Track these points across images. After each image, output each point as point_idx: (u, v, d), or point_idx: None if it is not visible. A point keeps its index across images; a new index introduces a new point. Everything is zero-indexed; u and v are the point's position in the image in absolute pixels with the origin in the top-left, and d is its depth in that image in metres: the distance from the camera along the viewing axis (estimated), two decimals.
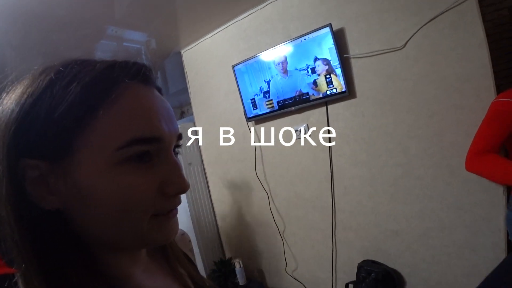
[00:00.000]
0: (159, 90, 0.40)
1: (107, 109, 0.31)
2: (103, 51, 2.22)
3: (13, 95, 0.32)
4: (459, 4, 1.35)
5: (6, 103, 0.32)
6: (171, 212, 0.37)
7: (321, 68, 1.68)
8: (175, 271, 0.47)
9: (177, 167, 0.36)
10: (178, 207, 0.39)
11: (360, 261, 1.73)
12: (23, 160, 0.30)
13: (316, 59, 1.68)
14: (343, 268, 1.87)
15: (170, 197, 0.35)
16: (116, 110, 0.32)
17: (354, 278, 1.71)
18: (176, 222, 0.39)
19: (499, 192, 1.34)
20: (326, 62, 1.65)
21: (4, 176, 0.30)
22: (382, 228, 1.68)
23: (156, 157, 0.35)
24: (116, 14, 1.72)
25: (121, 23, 1.86)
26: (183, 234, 0.62)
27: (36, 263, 0.30)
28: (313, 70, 1.70)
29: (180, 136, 0.39)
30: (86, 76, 0.31)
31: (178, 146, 0.40)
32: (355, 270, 1.71)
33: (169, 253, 0.49)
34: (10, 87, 0.33)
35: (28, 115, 0.30)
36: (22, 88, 0.32)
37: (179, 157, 0.42)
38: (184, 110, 4.05)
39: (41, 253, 0.30)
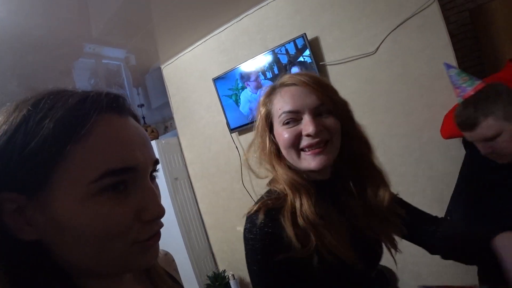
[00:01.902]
0: (135, 117, 0.41)
1: (80, 142, 0.32)
2: (82, 69, 2.20)
3: None
4: (424, 9, 1.44)
5: None
6: (153, 237, 0.37)
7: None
8: None
9: (152, 193, 0.37)
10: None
11: None
12: (1, 193, 0.31)
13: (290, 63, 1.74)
14: None
15: (148, 223, 0.36)
16: (89, 143, 0.32)
17: None
18: (156, 247, 0.39)
19: None
20: (302, 68, 1.71)
21: None
22: None
23: (132, 185, 0.35)
24: (93, 32, 1.72)
25: (99, 41, 1.86)
26: (166, 254, 0.61)
27: None
28: None
29: (156, 162, 0.40)
30: (58, 111, 0.32)
31: (155, 170, 0.41)
32: None
33: (153, 275, 0.49)
34: None
35: (4, 152, 0.30)
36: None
37: (158, 180, 0.43)
38: (167, 124, 4.03)
39: (21, 284, 0.31)
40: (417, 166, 1.53)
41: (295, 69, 1.73)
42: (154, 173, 0.40)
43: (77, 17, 1.54)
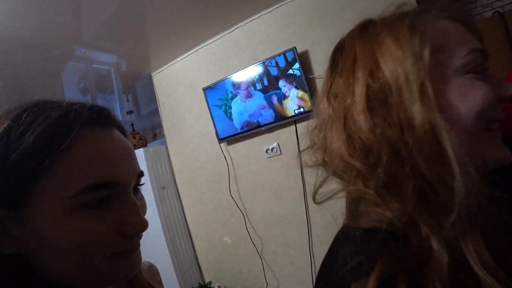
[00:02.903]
0: (121, 129, 0.41)
1: (61, 156, 0.31)
2: (71, 73, 2.18)
3: None
4: None
5: None
6: (132, 250, 0.37)
7: (287, 87, 1.77)
8: None
9: (135, 208, 0.36)
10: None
11: None
12: None
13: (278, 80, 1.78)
14: None
15: (129, 237, 0.36)
16: (71, 157, 0.32)
17: None
18: (137, 256, 0.39)
19: None
20: (291, 80, 1.74)
21: None
22: None
23: (115, 200, 0.35)
24: (85, 36, 1.72)
25: (90, 45, 1.85)
26: (151, 266, 0.60)
27: None
28: (280, 93, 1.80)
29: (140, 174, 0.40)
30: (40, 125, 0.32)
31: (139, 183, 0.41)
32: None
33: (136, 285, 0.49)
34: None
35: None
36: None
37: (145, 188, 0.42)
38: (156, 132, 4.00)
39: None
40: None
41: (282, 82, 1.76)
42: (138, 186, 0.40)
43: (69, 20, 1.54)
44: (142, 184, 0.41)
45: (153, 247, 2.17)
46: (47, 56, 1.81)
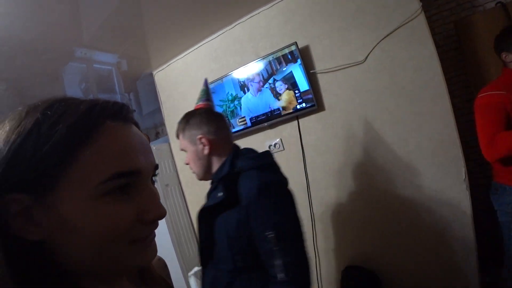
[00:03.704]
0: (137, 125, 0.43)
1: (90, 147, 0.34)
2: (72, 74, 2.18)
3: (0, 134, 0.33)
4: (410, 20, 1.48)
5: None
6: (149, 237, 0.39)
7: (282, 87, 1.78)
8: None
9: (153, 195, 0.39)
10: (157, 231, 0.42)
11: (343, 267, 1.76)
12: (8, 195, 0.32)
13: (274, 81, 1.80)
14: (328, 277, 1.89)
15: (147, 223, 0.38)
16: (98, 148, 0.34)
17: (339, 285, 1.74)
18: (154, 245, 0.41)
19: (463, 188, 1.44)
20: (286, 81, 1.76)
21: None
22: (360, 234, 1.73)
23: (135, 188, 0.37)
24: (85, 37, 1.72)
25: (91, 45, 1.85)
26: (159, 259, 0.63)
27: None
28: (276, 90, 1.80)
29: (156, 167, 0.43)
30: (70, 117, 0.34)
31: (154, 175, 0.43)
32: (340, 277, 1.74)
33: (148, 278, 0.51)
34: None
35: (16, 154, 0.32)
36: (8, 128, 0.33)
37: (156, 184, 0.45)
38: (158, 130, 4.00)
39: (25, 282, 0.32)
40: (405, 173, 1.57)
41: (279, 83, 1.76)
42: (153, 178, 0.43)
43: (69, 21, 1.54)
44: (156, 176, 0.44)
45: (159, 244, 2.18)
46: (48, 58, 1.81)
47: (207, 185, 2.26)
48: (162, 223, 2.24)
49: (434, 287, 1.56)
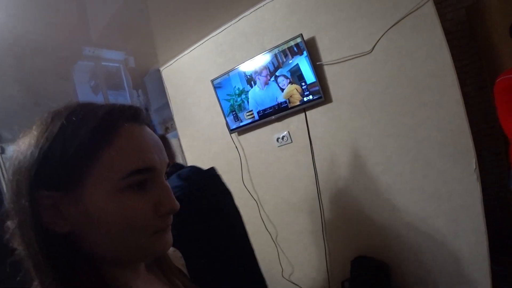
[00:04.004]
0: (149, 125, 0.47)
1: (110, 147, 0.38)
2: (81, 72, 2.22)
3: (30, 139, 0.38)
4: (419, 8, 1.44)
5: (24, 146, 0.38)
6: (165, 228, 0.43)
7: (285, 82, 1.78)
8: (171, 282, 0.54)
9: (168, 190, 0.43)
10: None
11: (352, 258, 1.78)
12: (39, 192, 0.36)
13: (277, 76, 1.80)
14: (337, 267, 1.91)
15: (163, 216, 0.42)
16: (117, 148, 0.38)
17: (349, 276, 1.75)
18: (169, 236, 0.45)
19: (473, 179, 1.42)
20: (291, 74, 1.76)
21: (28, 207, 0.36)
22: (369, 224, 1.74)
23: (151, 183, 0.41)
24: (92, 35, 1.74)
25: (98, 43, 1.88)
26: (175, 251, 0.67)
27: (52, 277, 0.36)
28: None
29: (168, 164, 0.46)
30: (91, 121, 0.38)
31: (167, 172, 0.47)
32: (349, 267, 1.75)
33: (165, 266, 0.55)
34: (23, 132, 0.40)
35: (46, 156, 0.36)
36: (37, 133, 0.38)
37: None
38: (168, 125, 4.05)
39: (57, 269, 0.36)
40: (414, 164, 1.55)
41: (281, 78, 1.75)
42: (166, 174, 0.47)
43: (76, 21, 1.56)
44: (167, 173, 0.48)
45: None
46: (57, 58, 1.85)
47: None
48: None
49: (444, 277, 1.56)
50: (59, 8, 1.40)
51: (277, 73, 1.80)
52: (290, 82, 1.77)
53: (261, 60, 1.83)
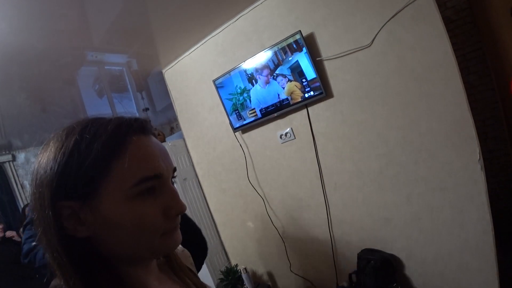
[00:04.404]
0: (155, 135, 0.51)
1: (120, 159, 0.42)
2: (86, 77, 2.26)
3: (48, 154, 0.42)
4: None
5: (44, 161, 0.42)
6: (174, 228, 0.47)
7: (283, 81, 1.79)
8: (182, 280, 0.58)
9: (175, 194, 0.46)
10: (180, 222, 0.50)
11: (359, 251, 1.79)
12: (60, 202, 0.40)
13: (276, 76, 1.81)
14: (344, 260, 1.93)
15: (171, 218, 0.45)
16: (127, 159, 0.42)
17: (355, 268, 1.77)
18: (178, 235, 0.48)
19: (477, 169, 1.42)
20: (285, 74, 1.78)
21: (51, 216, 0.40)
22: (374, 217, 1.75)
23: (159, 189, 0.45)
24: (94, 40, 1.77)
25: (101, 48, 1.90)
26: (183, 250, 0.71)
27: (76, 278, 0.40)
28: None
29: (174, 169, 0.50)
30: (102, 135, 0.41)
31: (173, 176, 0.50)
32: (356, 260, 1.77)
33: (175, 266, 0.59)
34: (42, 147, 0.44)
35: (64, 170, 0.40)
36: (54, 149, 0.42)
37: (176, 181, 0.52)
38: (172, 125, 4.09)
39: (79, 270, 0.41)
40: (417, 156, 1.56)
41: (280, 78, 1.76)
42: (173, 179, 0.50)
43: (78, 27, 1.59)
44: (174, 177, 0.51)
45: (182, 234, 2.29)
46: (62, 64, 1.88)
47: (221, 176, 2.34)
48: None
49: (450, 267, 1.57)
50: (61, 15, 1.43)
51: (276, 72, 1.81)
52: (289, 80, 1.78)
53: (261, 58, 1.83)
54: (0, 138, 2.73)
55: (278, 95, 1.85)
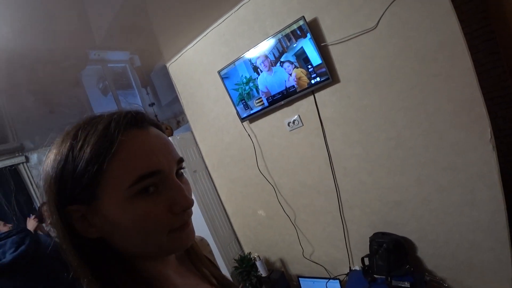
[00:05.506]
0: (156, 125, 0.48)
1: (113, 159, 0.39)
2: (90, 76, 2.27)
3: (48, 162, 0.42)
4: None
5: (45, 168, 0.42)
6: (184, 225, 0.45)
7: (290, 67, 1.78)
8: (200, 271, 0.58)
9: (180, 189, 0.44)
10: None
11: (370, 234, 1.81)
12: (68, 206, 0.41)
13: (282, 62, 1.79)
14: (356, 244, 1.96)
15: (179, 214, 0.43)
16: (120, 158, 0.40)
17: (368, 252, 1.80)
18: (190, 231, 0.47)
19: (489, 149, 1.41)
20: (292, 61, 1.76)
21: (59, 221, 0.41)
22: (385, 201, 1.76)
23: (162, 185, 0.43)
24: (96, 39, 1.77)
25: (103, 46, 1.90)
26: (202, 239, 0.72)
27: (92, 276, 0.41)
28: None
29: (180, 160, 0.47)
30: (92, 138, 0.40)
31: (181, 168, 0.48)
32: (368, 244, 1.80)
33: (193, 257, 0.59)
34: (46, 154, 0.44)
35: (62, 176, 0.40)
36: (53, 155, 0.42)
37: (187, 174, 0.51)
38: (179, 119, 4.10)
39: (94, 268, 0.42)
40: (426, 137, 1.55)
41: (287, 64, 1.74)
42: (181, 170, 0.48)
43: (79, 27, 1.59)
44: (183, 168, 0.48)
45: (195, 227, 2.34)
46: (66, 65, 1.89)
47: (231, 167, 2.36)
48: (195, 206, 2.37)
49: (462, 247, 1.58)
50: (61, 16, 1.43)
51: (282, 59, 1.79)
52: (296, 67, 1.76)
53: (265, 46, 1.82)
54: (13, 141, 2.78)
55: (285, 81, 1.84)
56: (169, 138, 2.10)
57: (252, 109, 2.03)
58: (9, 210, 2.75)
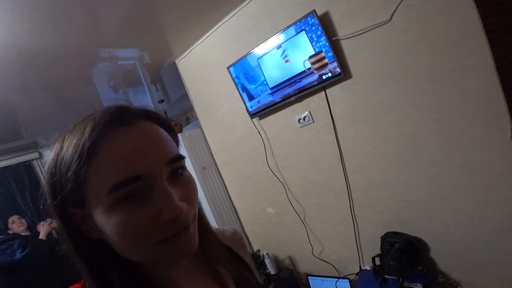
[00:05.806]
0: (151, 118, 0.43)
1: (92, 163, 0.36)
2: (100, 73, 2.29)
3: (48, 162, 0.41)
4: None
5: (45, 168, 0.41)
6: (178, 234, 0.39)
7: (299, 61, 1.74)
8: (215, 272, 0.51)
9: (167, 195, 0.37)
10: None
11: (382, 234, 1.77)
12: (69, 209, 0.39)
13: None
14: (367, 244, 1.92)
15: (165, 224, 0.37)
16: (98, 162, 0.36)
17: (379, 251, 1.76)
18: (190, 237, 0.41)
19: (509, 147, 1.35)
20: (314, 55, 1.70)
21: (61, 223, 0.40)
22: (397, 200, 1.72)
23: (148, 191, 0.37)
24: (106, 37, 1.78)
25: (112, 44, 1.91)
26: (234, 232, 0.65)
27: (95, 278, 0.40)
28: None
29: (176, 158, 0.41)
30: (71, 142, 0.38)
31: (179, 167, 0.41)
32: (379, 243, 1.76)
33: (209, 256, 0.51)
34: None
35: (53, 181, 0.39)
36: (50, 156, 0.40)
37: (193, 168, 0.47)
38: (188, 116, 4.11)
39: (96, 270, 0.40)
40: (443, 135, 1.49)
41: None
42: (180, 170, 0.42)
43: (89, 25, 1.59)
44: (182, 167, 0.42)
45: None
46: (77, 63, 1.91)
47: (240, 163, 2.34)
48: (204, 203, 2.38)
49: (478, 249, 1.52)
50: (72, 15, 1.44)
51: (291, 53, 1.75)
52: (305, 61, 1.72)
53: (275, 41, 1.78)
54: (27, 137, 2.84)
55: (295, 78, 1.80)
56: (178, 135, 2.08)
57: (261, 103, 2.00)
58: (24, 205, 2.82)
